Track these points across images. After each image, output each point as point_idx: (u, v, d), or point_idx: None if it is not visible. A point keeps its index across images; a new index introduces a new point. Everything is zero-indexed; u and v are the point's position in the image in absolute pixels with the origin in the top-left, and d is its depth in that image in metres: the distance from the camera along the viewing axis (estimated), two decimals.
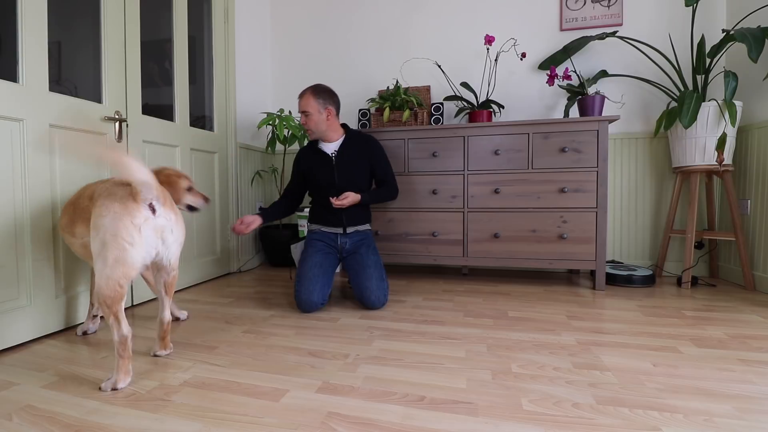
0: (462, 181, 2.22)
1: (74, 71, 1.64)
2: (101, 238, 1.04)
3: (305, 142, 2.57)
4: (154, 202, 1.08)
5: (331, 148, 1.87)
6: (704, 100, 2.04)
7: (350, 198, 1.76)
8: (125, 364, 1.08)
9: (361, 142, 1.88)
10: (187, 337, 1.46)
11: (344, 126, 1.93)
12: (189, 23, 2.28)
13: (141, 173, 1.01)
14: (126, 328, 1.08)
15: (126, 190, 1.08)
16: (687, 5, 1.96)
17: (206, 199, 1.72)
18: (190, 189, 1.69)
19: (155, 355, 1.28)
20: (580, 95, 2.20)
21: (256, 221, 1.82)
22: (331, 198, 1.77)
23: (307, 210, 2.59)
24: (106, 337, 1.46)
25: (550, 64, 2.48)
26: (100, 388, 1.07)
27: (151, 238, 1.09)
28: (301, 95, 1.81)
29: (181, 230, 1.21)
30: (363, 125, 2.60)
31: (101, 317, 1.60)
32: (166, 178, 1.60)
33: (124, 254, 1.04)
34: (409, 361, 1.24)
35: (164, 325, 1.26)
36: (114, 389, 1.06)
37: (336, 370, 1.18)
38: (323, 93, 1.80)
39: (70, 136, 1.56)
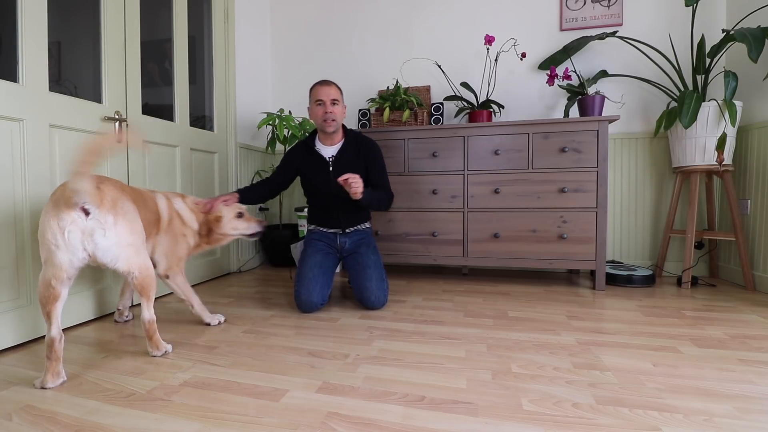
0: (462, 181, 2.22)
1: (74, 71, 1.64)
2: (39, 239, 1.08)
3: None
4: (86, 206, 1.06)
5: (329, 152, 1.83)
6: (704, 100, 2.04)
7: (355, 183, 1.59)
8: (52, 367, 1.08)
9: (359, 145, 1.84)
10: (187, 337, 1.46)
11: (343, 127, 1.90)
12: (189, 23, 2.28)
13: (79, 183, 1.00)
14: (55, 330, 1.08)
15: (62, 192, 1.07)
16: (687, 5, 1.96)
17: (260, 223, 1.70)
18: (240, 215, 1.66)
19: (153, 356, 1.28)
20: (580, 95, 2.20)
21: (231, 199, 1.70)
22: (339, 180, 1.61)
23: (306, 210, 2.58)
24: (106, 337, 1.46)
25: (550, 64, 2.48)
26: (33, 385, 1.09)
27: (76, 241, 1.07)
28: (329, 83, 1.75)
29: (124, 232, 1.16)
30: (363, 125, 2.60)
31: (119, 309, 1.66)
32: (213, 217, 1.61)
33: (51, 256, 1.06)
34: (409, 361, 1.24)
35: (145, 325, 1.27)
36: (43, 387, 1.07)
37: (336, 370, 1.18)
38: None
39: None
